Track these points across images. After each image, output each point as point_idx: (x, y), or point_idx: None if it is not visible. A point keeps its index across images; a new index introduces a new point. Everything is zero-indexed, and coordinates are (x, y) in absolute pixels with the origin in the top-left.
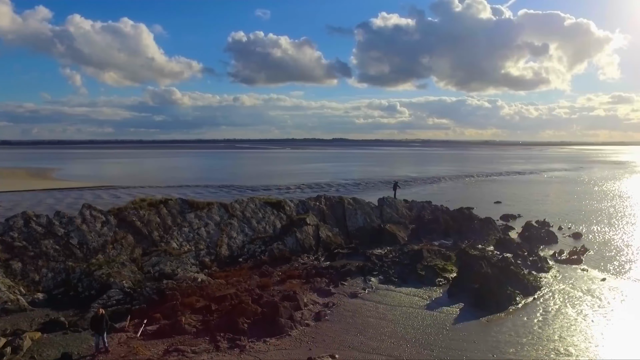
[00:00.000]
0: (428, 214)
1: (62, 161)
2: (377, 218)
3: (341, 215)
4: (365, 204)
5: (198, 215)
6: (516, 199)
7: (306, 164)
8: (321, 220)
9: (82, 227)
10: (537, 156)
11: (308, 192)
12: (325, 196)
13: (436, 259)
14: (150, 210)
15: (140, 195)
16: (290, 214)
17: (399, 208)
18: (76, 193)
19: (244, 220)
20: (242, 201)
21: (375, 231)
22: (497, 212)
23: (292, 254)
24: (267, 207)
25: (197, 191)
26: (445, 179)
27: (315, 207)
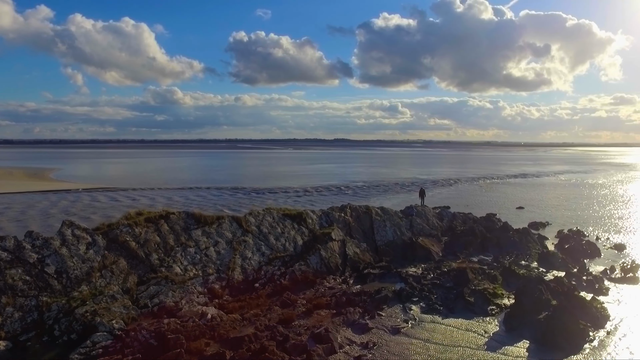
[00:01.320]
0: (460, 224)
1: (62, 161)
2: (407, 230)
3: (368, 227)
4: (394, 214)
5: (206, 232)
6: (538, 204)
7: (312, 164)
8: (347, 234)
9: (61, 251)
10: (544, 157)
11: (326, 197)
12: (350, 206)
13: (483, 281)
14: (148, 227)
15: (141, 198)
16: (313, 227)
17: (429, 218)
18: (73, 195)
19: (260, 237)
20: (258, 214)
21: (407, 246)
22: (522, 219)
23: (317, 276)
24: (286, 220)
25: (200, 194)
26: (458, 181)
27: (340, 219)
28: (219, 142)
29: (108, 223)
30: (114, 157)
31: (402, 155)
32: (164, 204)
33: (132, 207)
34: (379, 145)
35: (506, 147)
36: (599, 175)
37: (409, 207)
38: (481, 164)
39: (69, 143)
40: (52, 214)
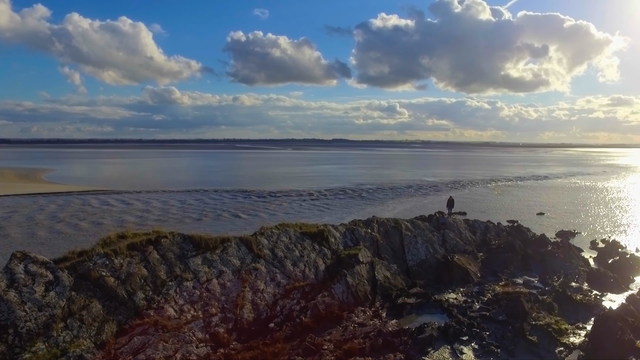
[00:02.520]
0: (494, 237)
1: (57, 161)
2: (440, 246)
3: (398, 245)
4: (425, 228)
5: (208, 260)
6: (557, 210)
7: (314, 165)
8: (375, 254)
9: (7, 296)
10: (547, 159)
11: (341, 200)
12: (377, 219)
13: (542, 314)
14: (132, 256)
15: (135, 202)
16: (336, 248)
17: (461, 231)
18: (63, 198)
19: (274, 263)
20: (272, 233)
21: (441, 265)
22: (546, 227)
23: (343, 309)
24: (305, 239)
25: (199, 197)
26: (467, 184)
27: (367, 237)
28: (217, 142)
29: (79, 251)
30: (110, 158)
31: (403, 156)
32: (159, 209)
33: (125, 212)
34: (378, 146)
35: (505, 148)
36: (609, 177)
37: (441, 220)
38: (485, 166)
39: (66, 143)
40: (38, 221)
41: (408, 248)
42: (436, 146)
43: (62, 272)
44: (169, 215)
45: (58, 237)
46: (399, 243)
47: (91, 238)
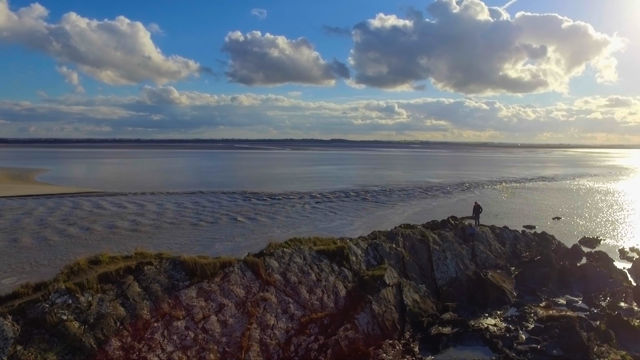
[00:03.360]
0: (524, 248)
1: (52, 161)
2: (470, 261)
3: (426, 261)
4: (453, 240)
5: (204, 291)
6: (573, 214)
7: (316, 166)
8: (401, 272)
9: None
10: (549, 159)
11: (347, 203)
12: (402, 232)
13: (602, 346)
14: (106, 290)
15: (129, 205)
16: (358, 268)
17: (491, 242)
18: (54, 201)
19: (287, 290)
20: (283, 253)
21: (474, 284)
22: (566, 233)
23: (369, 343)
24: (322, 259)
25: (195, 199)
26: (474, 185)
27: (391, 253)
28: (215, 142)
29: (36, 284)
30: (107, 158)
31: (403, 157)
32: (154, 212)
33: (118, 215)
34: (377, 146)
35: (504, 149)
36: (616, 178)
37: (469, 230)
38: (488, 166)
39: (64, 142)
40: (23, 226)
41: (437, 264)
42: (435, 146)
43: (3, 319)
44: (163, 220)
45: (41, 246)
46: (426, 259)
47: (78, 248)
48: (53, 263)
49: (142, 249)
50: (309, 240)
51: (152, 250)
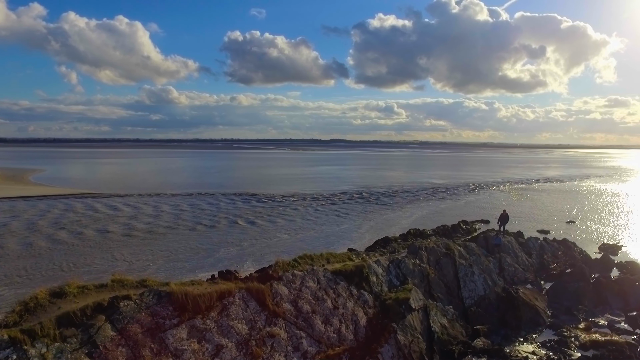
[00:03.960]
0: (551, 259)
1: (49, 161)
2: (498, 276)
3: (452, 277)
4: (479, 253)
5: (197, 330)
6: (586, 218)
7: (317, 166)
8: (426, 292)
9: None
10: (550, 160)
11: (353, 205)
12: (426, 246)
13: None
14: (66, 339)
15: (124, 208)
16: (379, 290)
17: (517, 254)
18: (46, 203)
19: (298, 322)
20: (293, 277)
21: (504, 303)
22: (582, 238)
23: None
24: (338, 281)
25: (193, 201)
26: (482, 187)
27: (415, 270)
28: (214, 142)
29: None
30: (105, 158)
31: (403, 157)
32: (149, 215)
33: (111, 219)
34: (376, 146)
35: (504, 149)
36: (623, 179)
37: (494, 240)
38: (492, 167)
39: (63, 142)
40: (11, 230)
41: (464, 281)
42: (434, 147)
43: None
44: (158, 224)
45: (25, 253)
46: (452, 275)
47: (65, 256)
48: (34, 275)
49: (120, 275)
50: (321, 256)
51: (134, 275)
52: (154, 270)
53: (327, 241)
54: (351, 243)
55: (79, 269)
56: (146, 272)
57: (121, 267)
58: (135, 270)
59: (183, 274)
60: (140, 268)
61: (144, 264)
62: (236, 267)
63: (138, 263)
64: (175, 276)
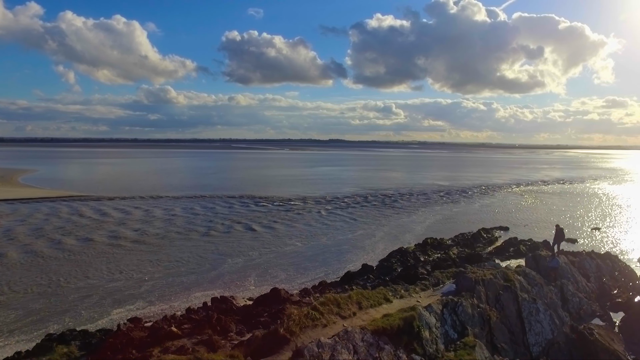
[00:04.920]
0: (612, 282)
1: (43, 161)
2: (564, 311)
3: (515, 318)
4: (541, 282)
5: None
6: (611, 224)
7: (316, 167)
8: (488, 342)
9: None
10: (552, 161)
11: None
12: (482, 279)
13: None
14: None
15: (112, 212)
16: (435, 349)
17: (577, 279)
18: (30, 206)
19: None
20: (319, 347)
21: (577, 348)
22: (620, 250)
23: None
24: (382, 345)
25: (188, 205)
26: (490, 189)
27: (474, 314)
28: (213, 142)
29: None
30: (102, 158)
31: (404, 157)
32: (139, 221)
33: (97, 226)
34: (375, 146)
35: (503, 149)
36: (633, 181)
37: (539, 257)
38: (496, 168)
39: (60, 142)
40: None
41: (528, 322)
42: (433, 147)
43: None
44: (148, 231)
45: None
46: (515, 315)
47: (36, 273)
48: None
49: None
50: (350, 300)
51: (125, 295)
52: (149, 288)
53: (339, 251)
54: (364, 254)
55: (63, 287)
56: (140, 289)
57: (115, 284)
58: (128, 289)
59: (177, 294)
60: (132, 285)
61: (140, 279)
62: (237, 284)
63: (131, 280)
64: (168, 297)
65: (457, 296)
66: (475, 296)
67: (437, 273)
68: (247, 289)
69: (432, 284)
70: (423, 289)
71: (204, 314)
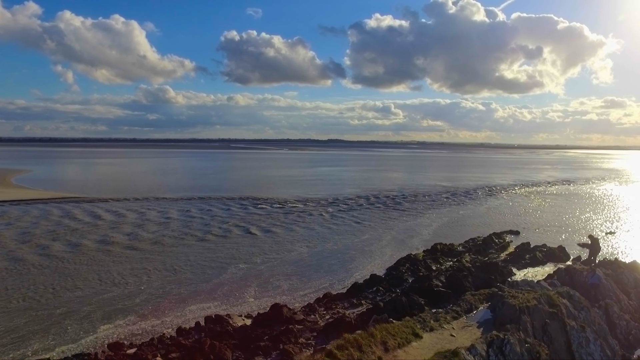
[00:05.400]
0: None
1: (39, 161)
2: (613, 338)
3: (565, 351)
4: (587, 305)
5: None
6: (625, 228)
7: (317, 167)
8: None
9: None
10: (554, 161)
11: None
12: (527, 307)
13: None
14: None
15: (104, 214)
16: None
17: (619, 297)
18: (20, 208)
19: None
20: None
21: None
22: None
23: None
24: None
25: (184, 207)
26: (495, 190)
27: (523, 353)
28: (212, 142)
29: None
30: (99, 158)
31: (404, 157)
32: (133, 224)
33: (89, 230)
34: (374, 146)
35: (503, 149)
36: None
37: (577, 272)
38: (497, 168)
39: (59, 141)
40: None
41: (579, 355)
42: (433, 147)
43: None
44: (142, 235)
45: None
46: (565, 347)
47: (21, 284)
48: None
49: None
50: (373, 340)
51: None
52: (141, 301)
53: (345, 257)
54: (371, 261)
55: (49, 299)
56: (133, 302)
57: (106, 296)
58: (119, 301)
59: (171, 307)
60: (125, 297)
61: (132, 290)
62: (236, 296)
63: (123, 290)
64: (161, 310)
65: (500, 330)
66: (522, 328)
67: (468, 297)
68: (246, 301)
69: (464, 310)
70: (454, 317)
71: (195, 337)
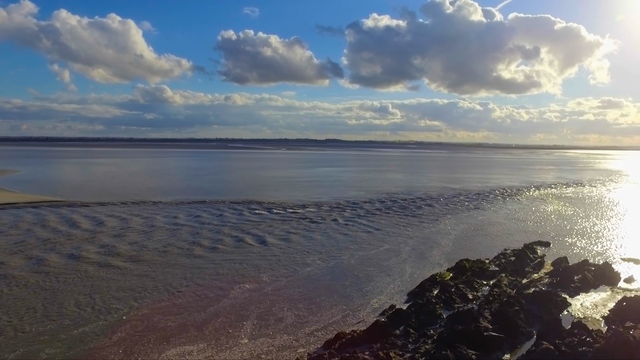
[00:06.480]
0: None
1: (29, 161)
2: None
3: None
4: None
5: None
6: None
7: (317, 167)
8: None
9: None
10: (557, 161)
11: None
12: None
13: None
14: None
15: (83, 221)
16: None
17: None
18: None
19: None
20: None
21: None
22: None
23: None
24: None
25: (172, 212)
26: (508, 193)
27: None
28: (209, 142)
29: None
30: (94, 158)
31: (404, 158)
32: (111, 234)
33: (60, 240)
34: (372, 146)
35: (501, 149)
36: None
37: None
38: (502, 168)
39: (56, 141)
40: None
41: None
42: (431, 147)
43: None
44: (117, 248)
45: None
46: None
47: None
48: None
49: None
50: None
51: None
52: (118, 339)
53: (361, 276)
54: (391, 283)
55: (7, 334)
56: (108, 340)
57: (79, 330)
58: (93, 338)
59: (149, 349)
60: (100, 332)
61: (109, 322)
62: (229, 333)
63: (99, 322)
64: (137, 354)
65: None
66: None
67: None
68: (237, 344)
69: None
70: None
71: None
